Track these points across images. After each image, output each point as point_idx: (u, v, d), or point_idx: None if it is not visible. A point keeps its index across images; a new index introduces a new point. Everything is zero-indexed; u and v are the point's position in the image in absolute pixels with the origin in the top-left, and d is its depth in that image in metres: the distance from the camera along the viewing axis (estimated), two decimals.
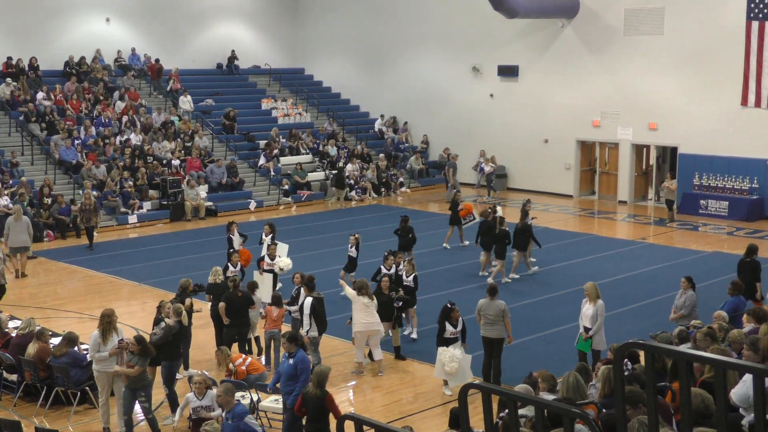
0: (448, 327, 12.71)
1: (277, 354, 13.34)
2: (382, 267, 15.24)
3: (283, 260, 15.73)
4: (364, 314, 13.30)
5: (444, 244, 21.97)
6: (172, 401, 11.61)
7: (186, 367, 13.21)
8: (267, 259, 16.16)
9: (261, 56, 36.49)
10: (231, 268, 15.29)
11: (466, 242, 21.87)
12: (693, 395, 6.29)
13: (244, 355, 12.52)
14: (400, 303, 14.12)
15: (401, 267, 15.23)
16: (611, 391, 7.70)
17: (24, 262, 20.00)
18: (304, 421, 9.92)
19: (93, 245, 22.26)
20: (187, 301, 13.14)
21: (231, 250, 16.73)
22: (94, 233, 22.59)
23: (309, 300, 13.06)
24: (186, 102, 31.13)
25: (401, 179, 31.68)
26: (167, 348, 11.75)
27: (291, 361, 10.43)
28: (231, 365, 11.98)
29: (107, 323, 11.13)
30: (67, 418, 11.75)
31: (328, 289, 16.77)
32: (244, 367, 12.00)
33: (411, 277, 14.99)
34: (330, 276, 17.70)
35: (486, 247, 18.78)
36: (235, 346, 13.27)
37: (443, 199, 30.50)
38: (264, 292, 14.92)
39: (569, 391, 7.92)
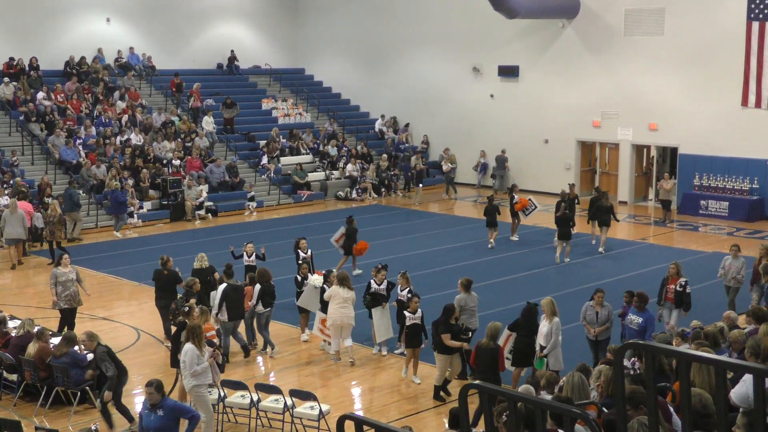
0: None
1: (249, 332, 14.59)
2: (372, 282, 14.36)
3: (315, 278, 15.00)
4: (341, 305, 13.61)
5: (512, 237, 23.00)
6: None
7: None
8: (299, 279, 15.50)
9: (261, 56, 36.49)
10: (298, 278, 15.13)
11: (515, 237, 23.01)
12: (691, 395, 6.29)
13: (210, 333, 11.89)
14: (470, 334, 12.68)
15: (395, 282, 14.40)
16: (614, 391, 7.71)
17: (20, 252, 21.01)
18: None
19: (58, 261, 20.79)
20: (192, 301, 13.22)
21: (300, 262, 15.90)
22: (57, 247, 20.83)
23: (222, 287, 13.89)
24: (209, 123, 30.49)
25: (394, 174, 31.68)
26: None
27: (160, 412, 8.96)
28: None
29: (198, 335, 10.56)
30: (67, 418, 11.74)
31: None
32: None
33: (405, 291, 13.95)
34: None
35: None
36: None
37: (443, 198, 30.56)
38: (313, 307, 14.83)
39: (574, 390, 7.90)
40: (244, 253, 16.68)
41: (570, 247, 20.56)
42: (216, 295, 14.01)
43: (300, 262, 15.74)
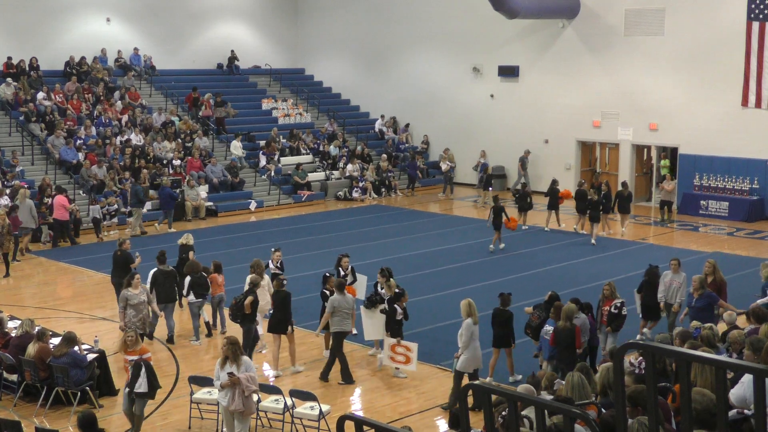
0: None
1: (222, 314, 15.31)
2: (326, 273, 14.30)
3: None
4: (262, 295, 14.05)
5: (546, 228, 24.38)
6: None
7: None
8: (327, 294, 14.84)
9: (261, 56, 36.49)
10: (326, 293, 14.10)
11: (547, 228, 24.38)
12: (701, 395, 6.29)
13: (136, 357, 11.12)
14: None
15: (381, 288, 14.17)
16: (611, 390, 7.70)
17: (26, 242, 21.87)
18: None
19: (9, 273, 19.70)
20: (249, 298, 13.40)
21: (327, 275, 14.78)
22: (10, 260, 20.04)
23: (152, 271, 14.93)
24: (238, 147, 29.89)
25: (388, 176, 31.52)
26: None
27: None
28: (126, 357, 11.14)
29: (227, 349, 10.17)
30: (67, 418, 11.74)
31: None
32: (129, 363, 11.01)
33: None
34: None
35: (581, 211, 23.55)
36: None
37: (443, 198, 30.59)
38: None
39: (574, 390, 7.90)
40: (270, 262, 15.81)
41: (596, 229, 22.82)
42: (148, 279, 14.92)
43: (327, 274, 14.55)
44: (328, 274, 14.47)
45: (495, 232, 21.67)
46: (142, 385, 10.79)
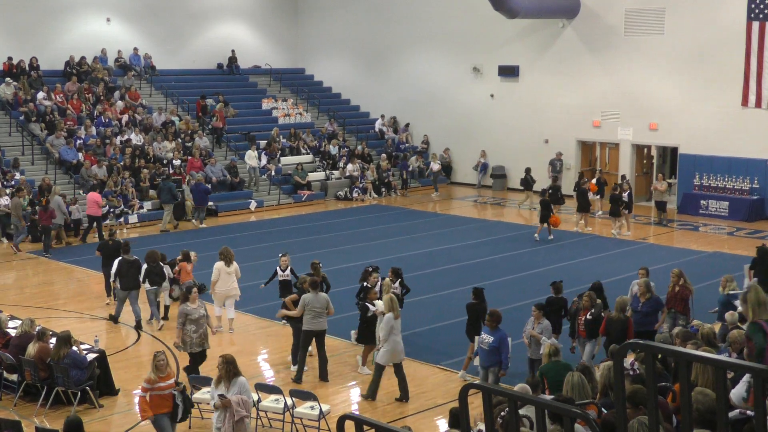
0: None
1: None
2: (366, 284, 14.19)
3: (378, 303, 13.75)
4: (225, 280, 15.30)
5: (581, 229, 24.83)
6: None
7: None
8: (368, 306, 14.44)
9: (261, 56, 36.49)
10: (366, 305, 13.70)
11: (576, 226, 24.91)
12: (703, 395, 6.29)
13: (172, 381, 10.33)
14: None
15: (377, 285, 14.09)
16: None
17: (62, 235, 22.96)
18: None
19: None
20: (289, 297, 13.78)
21: (369, 285, 14.42)
22: None
23: (118, 260, 15.86)
24: (253, 157, 29.48)
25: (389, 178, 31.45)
26: None
27: None
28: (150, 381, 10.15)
29: (221, 368, 9.70)
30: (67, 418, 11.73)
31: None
32: (149, 391, 10.12)
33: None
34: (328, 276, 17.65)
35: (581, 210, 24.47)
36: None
37: (437, 198, 30.59)
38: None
39: (574, 390, 7.90)
40: (278, 268, 15.69)
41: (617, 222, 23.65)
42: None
43: (368, 286, 14.20)
44: (369, 286, 14.17)
45: (540, 225, 22.86)
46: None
